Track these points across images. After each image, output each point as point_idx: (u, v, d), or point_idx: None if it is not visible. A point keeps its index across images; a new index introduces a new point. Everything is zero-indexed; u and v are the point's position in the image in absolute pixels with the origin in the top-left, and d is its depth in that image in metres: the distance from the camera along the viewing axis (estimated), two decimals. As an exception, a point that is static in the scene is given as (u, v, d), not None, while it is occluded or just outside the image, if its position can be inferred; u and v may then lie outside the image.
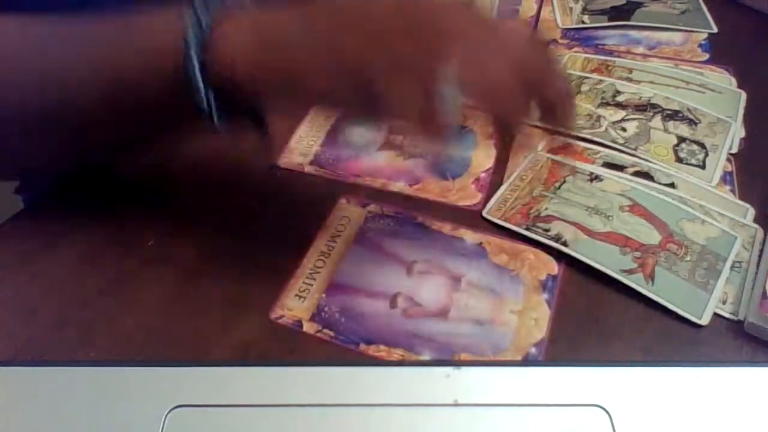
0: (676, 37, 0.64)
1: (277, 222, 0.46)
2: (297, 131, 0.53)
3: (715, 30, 0.64)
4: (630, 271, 0.42)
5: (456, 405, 0.26)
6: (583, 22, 0.66)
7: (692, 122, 0.53)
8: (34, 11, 0.40)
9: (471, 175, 0.49)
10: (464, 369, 0.27)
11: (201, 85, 0.35)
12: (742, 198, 0.48)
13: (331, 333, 0.39)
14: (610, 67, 0.59)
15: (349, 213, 0.46)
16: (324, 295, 0.41)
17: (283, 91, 0.35)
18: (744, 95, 0.56)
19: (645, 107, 0.54)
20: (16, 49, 0.40)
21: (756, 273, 0.42)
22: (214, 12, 0.35)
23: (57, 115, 0.40)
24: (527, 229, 0.44)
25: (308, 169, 0.50)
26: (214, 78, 0.35)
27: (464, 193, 0.48)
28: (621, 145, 0.51)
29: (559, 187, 0.47)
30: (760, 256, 0.43)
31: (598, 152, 0.51)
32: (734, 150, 0.52)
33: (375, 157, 0.51)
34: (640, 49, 0.62)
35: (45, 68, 0.39)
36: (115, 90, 0.38)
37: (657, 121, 0.53)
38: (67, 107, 0.40)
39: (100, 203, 0.46)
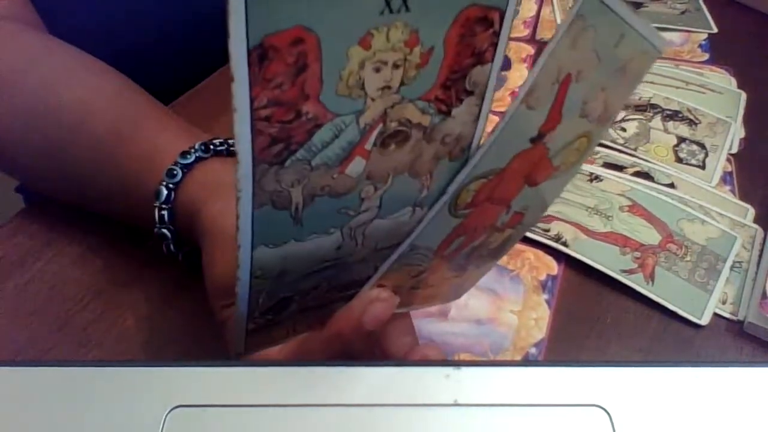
0: (676, 37, 0.64)
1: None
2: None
3: (715, 30, 0.64)
4: (630, 271, 0.42)
5: (456, 405, 0.26)
6: (583, 22, 0.65)
7: (692, 122, 0.53)
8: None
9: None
10: (464, 369, 0.27)
11: (168, 233, 0.38)
12: (742, 198, 0.48)
13: (331, 333, 0.39)
14: (610, 67, 0.59)
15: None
16: (324, 295, 0.41)
17: None
18: (744, 95, 0.56)
19: (645, 107, 0.54)
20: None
21: (756, 273, 0.42)
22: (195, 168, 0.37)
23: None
24: (527, 229, 0.44)
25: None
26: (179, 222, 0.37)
27: (464, 193, 0.48)
28: (621, 145, 0.51)
29: (559, 187, 0.47)
30: (760, 256, 0.43)
31: (598, 152, 0.51)
32: (734, 150, 0.52)
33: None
34: (640, 49, 0.62)
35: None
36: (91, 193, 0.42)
37: (657, 121, 0.53)
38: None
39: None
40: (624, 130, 0.52)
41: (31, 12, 0.48)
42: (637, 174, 0.49)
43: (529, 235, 0.44)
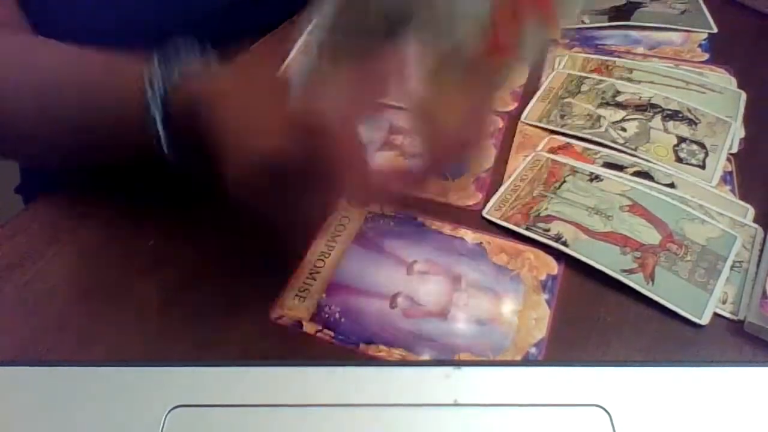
0: (676, 37, 0.64)
1: (278, 222, 0.46)
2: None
3: (715, 30, 0.64)
4: (630, 271, 0.42)
5: (456, 405, 0.26)
6: (583, 22, 0.66)
7: (692, 122, 0.53)
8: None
9: (471, 175, 0.49)
10: (464, 369, 0.27)
11: (161, 130, 0.38)
12: (742, 198, 0.48)
13: (331, 333, 0.39)
14: (610, 67, 0.59)
15: (349, 213, 0.46)
16: (324, 295, 0.41)
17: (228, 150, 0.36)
18: (744, 95, 0.56)
19: (645, 107, 0.54)
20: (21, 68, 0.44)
21: (756, 273, 0.42)
22: (182, 68, 0.39)
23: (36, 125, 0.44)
24: (527, 229, 0.44)
25: (308, 169, 0.50)
26: (173, 122, 0.38)
27: (464, 193, 0.48)
28: (621, 145, 0.51)
29: (559, 187, 0.47)
30: (760, 256, 0.43)
31: (598, 152, 0.51)
32: (734, 150, 0.52)
33: (375, 157, 0.51)
34: (640, 49, 0.62)
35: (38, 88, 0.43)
36: (84, 117, 0.42)
37: (657, 121, 0.53)
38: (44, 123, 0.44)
39: (101, 203, 0.46)
40: (624, 130, 0.52)
41: (18, 17, 0.49)
42: (637, 174, 0.49)
43: (529, 235, 0.44)
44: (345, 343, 0.39)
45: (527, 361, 0.37)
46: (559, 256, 0.43)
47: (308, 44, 0.31)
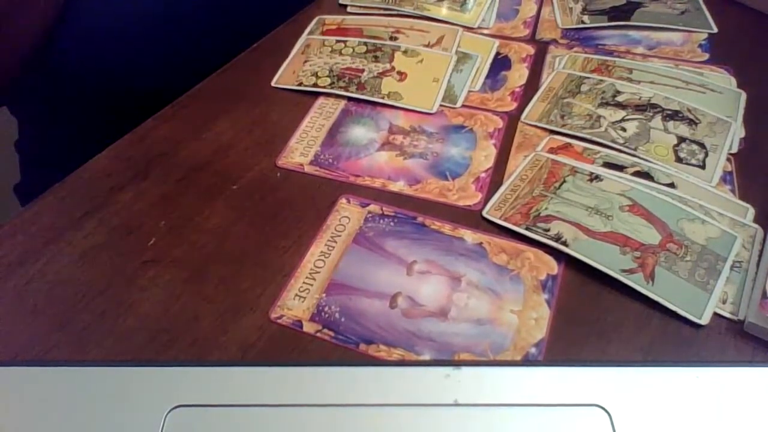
0: (676, 37, 0.64)
1: (277, 222, 0.46)
2: (297, 131, 0.53)
3: (715, 30, 0.64)
4: (630, 271, 0.42)
5: (456, 405, 0.26)
6: (583, 22, 0.66)
7: (692, 122, 0.53)
8: None
9: (471, 175, 0.49)
10: (464, 369, 0.27)
11: None
12: (742, 198, 0.48)
13: (331, 333, 0.39)
14: (610, 67, 0.59)
15: (349, 213, 0.46)
16: (324, 295, 0.41)
17: None
18: (744, 95, 0.56)
19: (645, 107, 0.54)
20: None
21: (756, 273, 0.42)
22: None
23: None
24: (527, 229, 0.44)
25: (308, 169, 0.50)
26: None
27: (464, 193, 0.48)
28: (621, 145, 0.51)
29: (559, 187, 0.47)
30: (760, 256, 0.43)
31: (598, 152, 0.51)
32: (734, 150, 0.52)
33: (375, 157, 0.51)
34: (640, 49, 0.62)
35: None
36: None
37: (657, 121, 0.53)
38: None
39: (101, 203, 0.46)
40: (624, 130, 0.52)
41: None
42: (637, 174, 0.49)
43: (529, 234, 0.44)
44: (345, 343, 0.39)
45: (527, 361, 0.37)
46: (559, 256, 0.43)
47: None
